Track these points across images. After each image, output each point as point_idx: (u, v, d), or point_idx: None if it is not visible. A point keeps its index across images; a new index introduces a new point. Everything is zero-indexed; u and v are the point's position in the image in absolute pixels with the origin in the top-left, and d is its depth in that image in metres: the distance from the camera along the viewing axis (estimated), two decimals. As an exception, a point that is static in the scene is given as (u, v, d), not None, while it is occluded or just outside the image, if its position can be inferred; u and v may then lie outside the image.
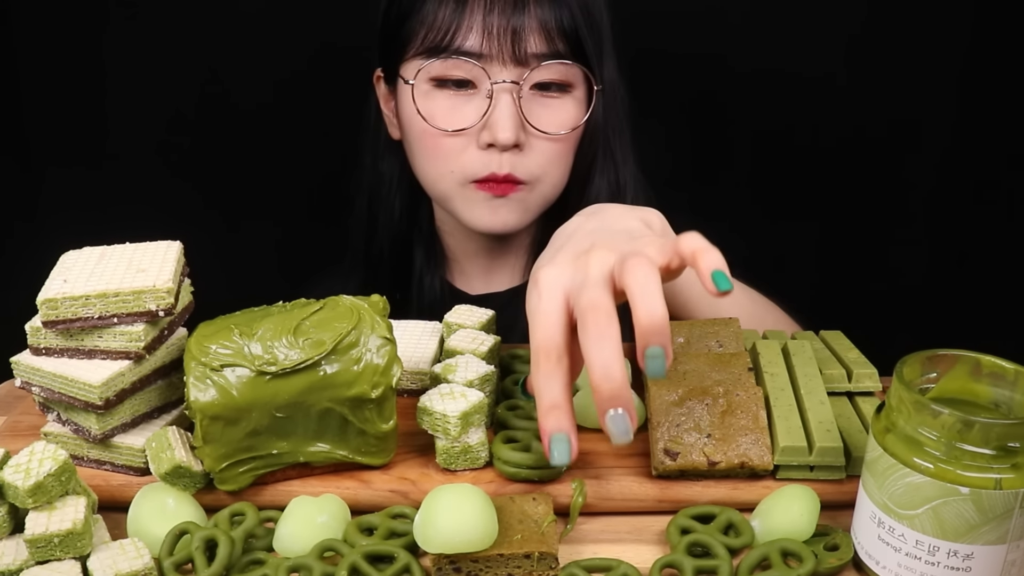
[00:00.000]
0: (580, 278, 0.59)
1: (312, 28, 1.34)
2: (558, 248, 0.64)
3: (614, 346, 0.55)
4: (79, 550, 0.56)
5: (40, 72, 1.36)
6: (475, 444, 0.66)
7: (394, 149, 1.05)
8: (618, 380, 0.55)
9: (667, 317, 0.55)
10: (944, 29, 1.33)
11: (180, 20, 1.33)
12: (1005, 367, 0.56)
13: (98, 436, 0.65)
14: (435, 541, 0.57)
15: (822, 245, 1.44)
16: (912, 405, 0.54)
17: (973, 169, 1.40)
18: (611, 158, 1.01)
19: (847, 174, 1.41)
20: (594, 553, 0.61)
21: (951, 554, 0.54)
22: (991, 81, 1.35)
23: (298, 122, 1.37)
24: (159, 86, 1.36)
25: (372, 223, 1.08)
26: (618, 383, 0.55)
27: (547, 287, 0.60)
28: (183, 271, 0.70)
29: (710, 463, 0.64)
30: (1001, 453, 0.52)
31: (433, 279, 1.08)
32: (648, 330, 0.55)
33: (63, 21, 1.33)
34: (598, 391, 0.55)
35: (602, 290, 0.57)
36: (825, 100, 1.37)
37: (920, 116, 1.38)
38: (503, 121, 0.91)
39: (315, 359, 0.62)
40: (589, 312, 0.56)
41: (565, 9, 0.92)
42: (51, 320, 0.64)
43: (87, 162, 1.39)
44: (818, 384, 0.70)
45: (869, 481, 0.57)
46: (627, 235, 0.63)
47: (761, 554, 0.59)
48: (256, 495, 0.65)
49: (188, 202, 1.41)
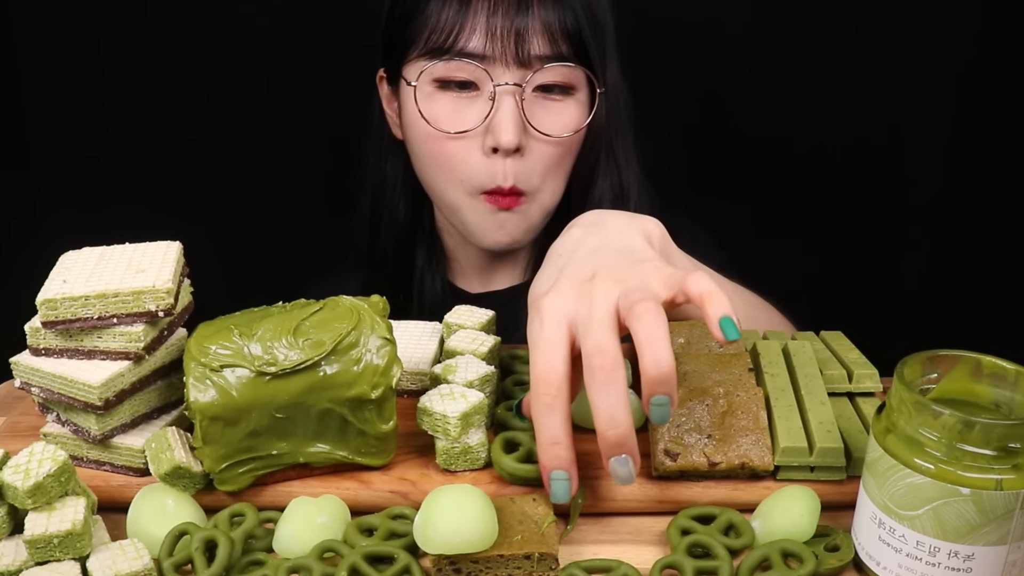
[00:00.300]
0: (584, 311, 0.59)
1: (313, 28, 1.34)
2: (559, 269, 0.64)
3: (620, 392, 0.56)
4: (78, 551, 0.56)
5: (39, 71, 1.36)
6: (475, 445, 0.66)
7: (398, 149, 1.05)
8: (624, 427, 0.56)
9: (674, 366, 0.56)
10: (946, 32, 1.33)
11: (181, 19, 1.33)
12: (1006, 368, 0.56)
13: (97, 437, 0.65)
14: (435, 542, 0.57)
15: (823, 245, 1.44)
16: (913, 406, 0.54)
17: (974, 170, 1.40)
18: (614, 161, 1.01)
19: (849, 175, 1.41)
20: (594, 554, 0.61)
21: (952, 555, 0.53)
22: (992, 83, 1.35)
23: (298, 122, 1.37)
24: (159, 85, 1.36)
25: (376, 223, 1.08)
26: (624, 430, 0.57)
27: (549, 316, 0.60)
28: (183, 271, 0.70)
29: (710, 464, 0.64)
30: (1002, 454, 0.52)
31: (434, 278, 1.08)
32: (655, 380, 0.56)
33: (63, 20, 1.33)
34: (603, 437, 0.57)
35: (609, 333, 0.58)
36: (826, 103, 1.37)
37: (921, 118, 1.37)
38: (505, 124, 0.91)
39: (315, 360, 0.62)
40: (596, 356, 0.57)
41: (569, 11, 0.91)
42: (50, 320, 0.64)
43: (86, 161, 1.39)
44: (819, 385, 0.70)
45: (870, 482, 0.57)
46: (630, 258, 0.63)
47: (762, 555, 0.59)
48: (256, 496, 0.65)
49: (187, 202, 1.41)
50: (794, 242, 1.42)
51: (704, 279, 0.60)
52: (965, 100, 1.36)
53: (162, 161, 1.40)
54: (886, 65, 1.35)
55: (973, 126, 1.37)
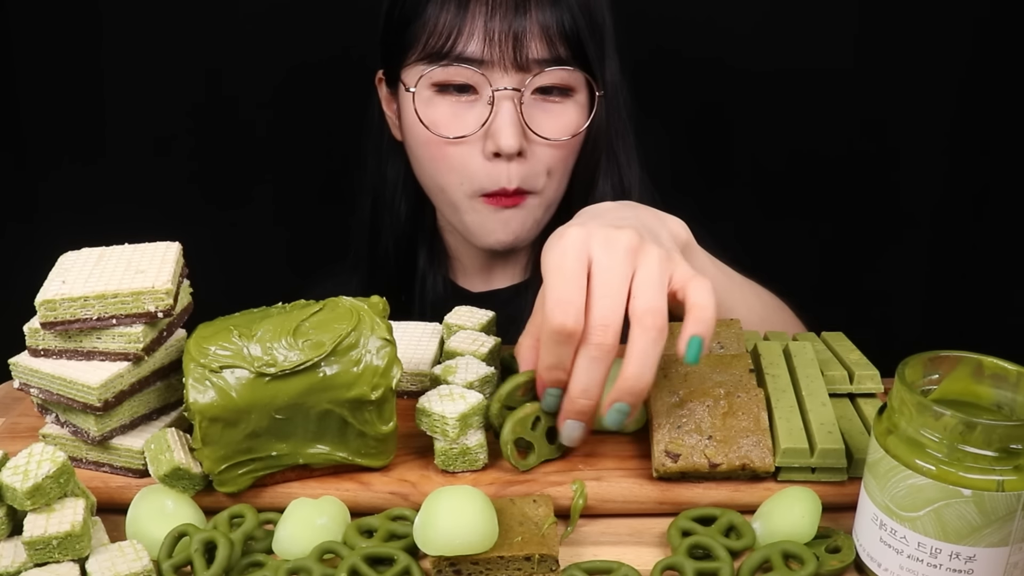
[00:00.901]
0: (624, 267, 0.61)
1: (313, 27, 1.34)
2: (590, 215, 0.66)
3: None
4: (78, 552, 0.56)
5: (38, 70, 1.36)
6: (473, 446, 0.66)
7: (398, 151, 1.04)
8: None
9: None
10: (948, 31, 1.33)
11: (180, 19, 1.33)
12: (1007, 368, 0.56)
13: (97, 438, 0.65)
14: (435, 543, 0.57)
15: (824, 246, 1.44)
16: (914, 407, 0.53)
17: (976, 170, 1.40)
18: (615, 161, 1.01)
19: (850, 175, 1.41)
20: (595, 555, 0.61)
21: (953, 556, 0.53)
22: (995, 83, 1.35)
23: (298, 123, 1.37)
24: (159, 85, 1.36)
25: (376, 225, 1.08)
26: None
27: (573, 245, 0.62)
28: (182, 272, 0.70)
29: (711, 465, 0.64)
30: (1003, 455, 0.51)
31: (436, 278, 1.08)
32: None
33: (61, 19, 1.33)
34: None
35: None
36: (829, 102, 1.37)
37: (924, 117, 1.38)
38: (505, 129, 0.91)
39: (315, 360, 0.62)
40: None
41: (566, 13, 0.91)
42: (49, 321, 0.63)
43: (85, 161, 1.39)
44: (820, 386, 0.70)
45: (871, 483, 0.56)
46: (656, 236, 0.65)
47: (762, 556, 0.58)
48: (255, 497, 0.65)
49: (187, 202, 1.40)
50: (794, 241, 1.42)
51: (704, 291, 0.61)
52: (969, 99, 1.36)
53: (161, 161, 1.40)
54: (891, 67, 1.35)
55: (976, 127, 1.37)
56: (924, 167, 1.40)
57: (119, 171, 1.39)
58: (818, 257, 1.44)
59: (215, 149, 1.39)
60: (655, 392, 0.67)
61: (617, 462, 0.67)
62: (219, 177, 1.41)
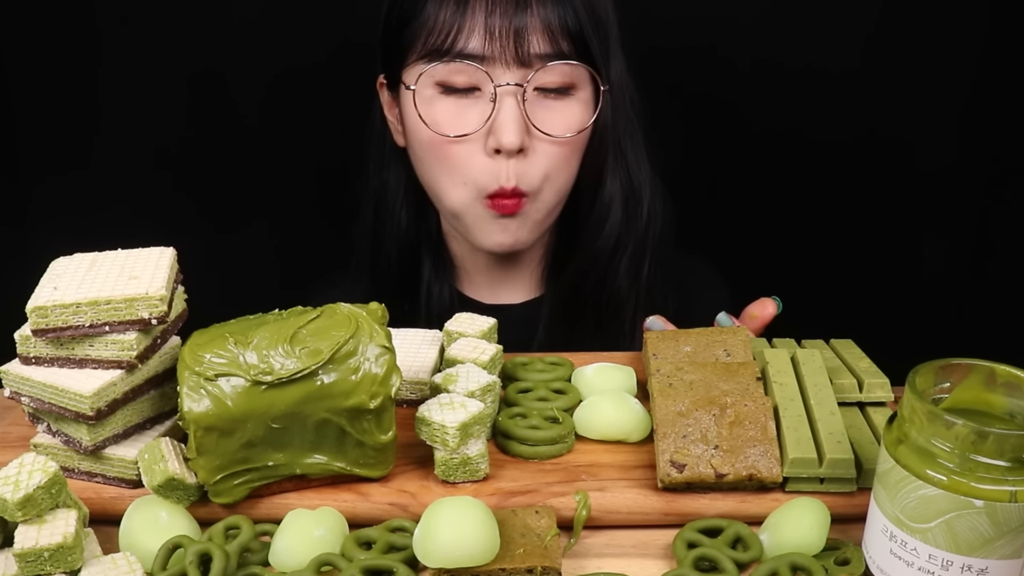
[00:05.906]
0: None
1: (312, 31, 1.34)
2: None
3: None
4: (70, 564, 0.55)
5: (30, 74, 1.35)
6: (474, 456, 0.65)
7: (400, 157, 1.04)
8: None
9: None
10: (959, 28, 1.33)
11: (176, 22, 1.33)
12: (1020, 376, 0.56)
13: (89, 447, 0.64)
14: (435, 555, 0.56)
15: (834, 252, 1.43)
16: (925, 416, 0.53)
17: (987, 175, 1.40)
18: (623, 160, 1.01)
19: (860, 180, 1.41)
20: (598, 567, 0.61)
21: (965, 569, 0.53)
22: (1006, 84, 1.35)
23: (295, 128, 1.37)
24: (153, 89, 1.36)
25: (378, 233, 1.07)
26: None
27: None
28: (176, 278, 0.69)
29: (717, 475, 0.63)
30: (1016, 465, 0.51)
31: (442, 288, 1.07)
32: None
33: (54, 25, 1.33)
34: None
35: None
36: (838, 102, 1.36)
37: (933, 120, 1.37)
38: (508, 125, 0.91)
39: (312, 368, 0.62)
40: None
41: (569, 8, 0.91)
42: (41, 328, 0.63)
43: (78, 166, 1.38)
44: (828, 394, 0.69)
45: (881, 494, 0.56)
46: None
47: (770, 568, 0.58)
48: (251, 508, 0.64)
49: (181, 207, 1.40)
50: (805, 248, 1.42)
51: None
52: (980, 101, 1.36)
53: (155, 166, 1.40)
54: (901, 66, 1.34)
55: (987, 130, 1.37)
56: (937, 171, 1.40)
57: (112, 176, 1.38)
58: (827, 262, 1.44)
59: (210, 154, 1.39)
60: (660, 400, 0.67)
61: (621, 472, 0.67)
62: (215, 183, 1.40)
